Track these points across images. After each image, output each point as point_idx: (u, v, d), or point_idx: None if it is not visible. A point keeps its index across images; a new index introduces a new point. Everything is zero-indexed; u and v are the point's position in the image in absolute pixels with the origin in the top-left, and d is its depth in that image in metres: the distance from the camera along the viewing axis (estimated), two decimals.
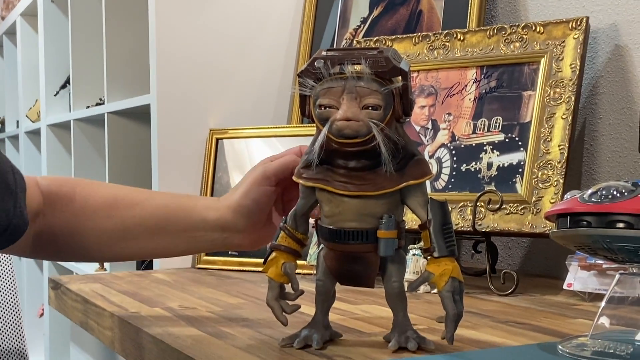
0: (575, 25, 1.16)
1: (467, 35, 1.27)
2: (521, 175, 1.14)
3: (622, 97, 1.20)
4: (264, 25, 1.69)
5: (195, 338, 0.80)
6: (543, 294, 1.07)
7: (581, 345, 0.70)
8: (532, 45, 1.19)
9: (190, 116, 1.60)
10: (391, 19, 1.53)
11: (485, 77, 1.24)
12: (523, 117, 1.18)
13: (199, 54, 1.62)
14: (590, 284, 1.01)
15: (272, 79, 1.70)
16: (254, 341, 0.77)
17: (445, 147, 1.24)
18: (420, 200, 0.70)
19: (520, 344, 0.75)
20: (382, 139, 0.67)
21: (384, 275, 0.72)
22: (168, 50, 1.59)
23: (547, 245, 1.29)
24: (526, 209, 1.12)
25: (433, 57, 1.30)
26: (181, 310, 0.95)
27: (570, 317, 0.91)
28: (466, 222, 1.15)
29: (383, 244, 0.69)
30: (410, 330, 0.71)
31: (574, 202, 0.68)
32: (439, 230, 0.69)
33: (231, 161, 1.56)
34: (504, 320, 0.88)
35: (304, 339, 0.72)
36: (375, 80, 0.68)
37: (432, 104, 1.28)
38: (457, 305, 0.68)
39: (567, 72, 1.15)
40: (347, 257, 0.71)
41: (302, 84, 0.70)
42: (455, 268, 0.69)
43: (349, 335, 0.77)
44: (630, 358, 0.65)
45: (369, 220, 0.70)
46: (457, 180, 1.21)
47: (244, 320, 0.88)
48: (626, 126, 1.19)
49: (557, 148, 1.12)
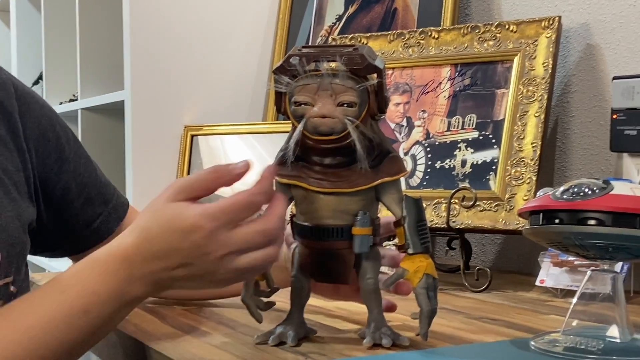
0: (547, 24, 1.17)
1: (442, 33, 1.28)
2: (495, 173, 1.15)
3: (593, 95, 1.21)
4: (240, 22, 1.69)
5: (168, 335, 0.80)
6: (516, 291, 1.08)
7: (553, 341, 0.70)
8: (506, 44, 1.20)
9: (164, 113, 1.59)
10: (366, 17, 1.53)
11: (460, 75, 1.25)
12: (497, 114, 1.19)
13: (174, 50, 1.61)
14: (562, 281, 1.02)
15: (247, 76, 1.69)
16: (229, 338, 0.77)
17: (419, 145, 1.25)
18: (395, 197, 0.71)
19: (494, 340, 0.76)
20: (357, 136, 0.67)
21: (358, 272, 0.72)
22: (142, 46, 1.58)
23: (520, 242, 1.30)
24: (499, 206, 1.12)
25: (408, 55, 1.30)
26: (154, 306, 0.95)
27: (543, 313, 0.92)
28: (440, 219, 1.16)
29: (358, 240, 0.70)
30: (384, 327, 0.71)
31: (547, 199, 0.69)
32: (414, 227, 0.70)
33: (206, 158, 1.56)
34: (478, 316, 0.89)
35: (278, 336, 0.72)
36: (350, 77, 0.68)
37: (407, 101, 1.28)
38: (432, 302, 0.69)
39: (539, 70, 1.16)
40: (322, 254, 0.72)
41: (278, 81, 0.69)
42: (430, 265, 0.69)
43: (324, 332, 0.77)
44: (601, 354, 0.66)
45: (344, 217, 0.70)
46: (432, 177, 1.22)
47: (218, 317, 0.88)
48: (597, 124, 1.20)
49: (530, 146, 1.13)
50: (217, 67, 1.66)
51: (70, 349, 0.67)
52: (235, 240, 0.65)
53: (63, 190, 0.87)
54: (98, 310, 0.67)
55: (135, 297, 0.68)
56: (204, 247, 0.64)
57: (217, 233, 0.64)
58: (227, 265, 0.65)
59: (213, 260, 0.65)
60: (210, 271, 0.65)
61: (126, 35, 1.58)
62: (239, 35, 1.69)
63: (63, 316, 0.66)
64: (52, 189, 0.87)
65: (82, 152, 0.91)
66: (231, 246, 0.65)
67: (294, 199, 0.72)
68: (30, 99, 0.87)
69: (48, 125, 0.87)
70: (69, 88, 2.50)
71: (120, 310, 0.68)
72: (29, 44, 2.85)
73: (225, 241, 0.64)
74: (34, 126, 0.85)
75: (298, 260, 0.74)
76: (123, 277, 0.66)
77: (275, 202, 0.67)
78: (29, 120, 0.85)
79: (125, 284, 0.66)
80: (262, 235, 0.65)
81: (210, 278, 0.66)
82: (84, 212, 0.89)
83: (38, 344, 0.65)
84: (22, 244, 0.80)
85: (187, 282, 0.67)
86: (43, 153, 0.86)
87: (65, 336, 0.66)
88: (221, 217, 0.64)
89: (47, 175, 0.86)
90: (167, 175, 1.58)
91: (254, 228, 0.65)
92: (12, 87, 0.85)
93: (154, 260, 0.66)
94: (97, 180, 0.91)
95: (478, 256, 1.39)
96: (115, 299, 0.67)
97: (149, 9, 1.59)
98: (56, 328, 0.66)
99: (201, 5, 1.64)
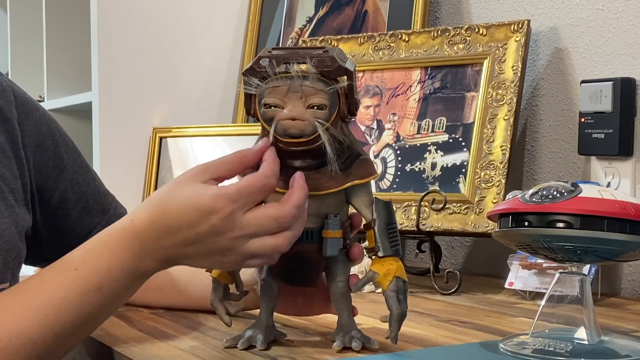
0: (517, 28, 1.18)
1: (412, 36, 1.28)
2: (464, 176, 1.16)
3: (562, 99, 1.22)
4: (209, 23, 1.68)
5: (136, 339, 0.79)
6: (485, 293, 1.09)
7: (522, 343, 0.71)
8: (475, 47, 1.21)
9: (133, 114, 1.58)
10: (337, 19, 1.53)
11: (430, 78, 1.25)
12: (466, 118, 1.19)
13: (142, 51, 1.59)
14: (531, 283, 1.02)
15: (217, 78, 1.68)
16: (198, 342, 0.76)
17: (390, 147, 1.25)
18: (365, 200, 0.71)
19: (463, 343, 0.76)
20: (328, 138, 0.67)
21: (328, 274, 0.72)
22: (110, 47, 1.56)
23: (489, 244, 1.31)
24: (469, 208, 1.13)
25: (378, 58, 1.30)
26: (122, 310, 0.94)
27: (512, 315, 0.92)
28: (410, 221, 1.16)
29: (328, 243, 0.69)
30: (354, 330, 0.71)
31: (516, 202, 0.69)
32: (384, 230, 0.70)
33: (175, 160, 1.55)
34: (447, 319, 0.89)
35: (247, 340, 0.72)
36: (320, 79, 0.68)
37: (377, 104, 1.28)
38: (401, 305, 0.69)
39: (509, 74, 1.16)
40: (292, 257, 0.71)
41: (247, 83, 0.69)
42: (400, 267, 0.69)
43: (293, 336, 0.77)
44: (570, 355, 0.66)
45: (314, 219, 0.69)
46: (402, 180, 1.22)
47: (187, 320, 0.87)
48: (566, 127, 1.21)
49: (500, 149, 1.13)
50: (186, 68, 1.65)
51: (83, 324, 0.69)
52: (249, 223, 0.65)
53: (60, 198, 0.87)
54: (111, 286, 0.68)
55: (146, 272, 0.69)
56: (218, 228, 0.65)
57: (233, 215, 0.65)
58: (238, 247, 0.66)
59: (225, 242, 0.65)
60: (221, 251, 0.66)
61: (94, 35, 1.56)
62: (208, 36, 1.68)
63: (77, 293, 0.67)
64: (49, 197, 0.86)
65: (80, 161, 0.91)
66: (244, 229, 0.65)
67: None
68: (31, 106, 0.86)
69: (47, 133, 0.87)
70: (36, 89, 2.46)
71: (132, 285, 0.69)
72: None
73: (240, 224, 0.65)
74: (32, 134, 0.84)
75: None
76: (136, 252, 0.67)
77: (294, 191, 0.67)
78: (28, 128, 0.84)
79: (138, 259, 0.67)
80: (274, 222, 0.66)
81: (219, 259, 0.67)
82: (81, 222, 0.89)
83: (52, 321, 0.67)
84: (18, 250, 0.80)
85: (196, 259, 0.68)
86: (41, 161, 0.85)
87: (78, 312, 0.67)
88: (239, 200, 0.65)
89: (44, 183, 0.86)
90: (135, 177, 1.56)
91: (269, 213, 0.66)
92: (12, 94, 0.84)
93: (166, 236, 0.66)
94: (96, 190, 0.91)
95: (448, 259, 1.39)
96: (128, 274, 0.68)
97: (117, 9, 1.57)
98: (70, 305, 0.67)
99: (170, 6, 1.63)
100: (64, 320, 0.67)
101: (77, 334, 0.69)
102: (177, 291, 0.91)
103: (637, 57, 1.12)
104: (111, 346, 0.76)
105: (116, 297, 0.69)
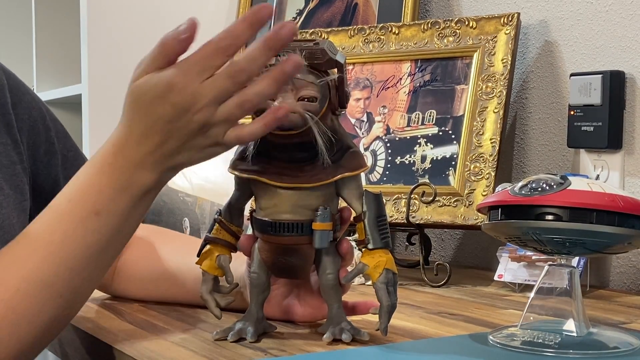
0: (506, 20, 1.18)
1: (402, 29, 1.28)
2: (454, 168, 1.16)
3: (551, 92, 1.23)
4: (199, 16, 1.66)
5: (126, 332, 0.79)
6: (475, 285, 1.09)
7: (511, 335, 0.71)
8: (465, 40, 1.21)
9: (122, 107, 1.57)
10: (327, 12, 1.53)
11: (420, 70, 1.25)
12: (456, 110, 1.19)
13: (132, 43, 1.58)
14: (520, 275, 1.03)
15: None
16: (188, 334, 0.76)
17: (380, 140, 1.25)
18: (355, 192, 0.71)
19: (453, 335, 0.76)
20: (318, 131, 0.67)
21: (318, 267, 0.72)
22: (100, 39, 1.55)
23: (479, 237, 1.32)
24: (459, 201, 1.13)
25: (368, 50, 1.30)
26: (112, 302, 0.93)
27: (501, 307, 0.93)
28: (400, 214, 1.16)
29: (318, 236, 0.69)
30: (344, 322, 0.71)
31: (505, 194, 0.69)
32: (374, 223, 0.70)
33: None
34: (437, 311, 0.89)
35: (238, 332, 0.72)
36: (311, 72, 0.68)
37: (368, 96, 1.28)
38: (391, 297, 0.69)
39: (498, 66, 1.17)
40: (282, 250, 0.71)
41: None
42: (390, 260, 0.69)
43: (283, 328, 0.77)
44: (558, 347, 0.66)
45: (304, 212, 0.69)
46: (392, 172, 1.22)
47: (177, 313, 0.87)
48: (555, 120, 1.22)
49: (489, 141, 1.14)
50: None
51: (97, 253, 0.67)
52: (205, 88, 0.62)
53: (52, 184, 0.85)
54: (108, 207, 0.66)
55: (142, 187, 0.66)
56: (181, 104, 0.62)
57: (190, 86, 0.62)
58: (211, 118, 0.63)
59: (196, 118, 0.63)
60: (199, 132, 0.63)
61: (83, 27, 1.56)
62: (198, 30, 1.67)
63: (77, 223, 0.66)
64: (42, 182, 0.85)
65: (70, 145, 0.89)
66: (206, 96, 0.62)
67: (253, 194, 0.72)
68: (22, 89, 0.85)
69: (39, 117, 0.85)
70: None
71: (134, 205, 0.67)
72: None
73: (200, 92, 0.62)
74: (25, 117, 0.83)
75: (258, 255, 0.73)
76: (121, 165, 0.65)
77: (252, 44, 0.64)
78: (21, 112, 0.83)
79: (128, 173, 0.65)
80: (228, 77, 0.62)
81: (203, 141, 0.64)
82: None
83: (62, 257, 0.65)
84: None
85: (184, 154, 0.65)
86: (34, 145, 0.84)
87: (84, 241, 0.66)
88: (193, 69, 0.63)
89: (36, 168, 0.84)
90: None
91: (220, 70, 0.63)
92: (3, 77, 0.83)
93: (144, 140, 0.64)
94: None
95: (437, 251, 1.40)
96: (122, 190, 0.66)
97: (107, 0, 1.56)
98: (73, 236, 0.66)
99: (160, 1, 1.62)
100: (74, 253, 0.65)
101: (96, 265, 0.67)
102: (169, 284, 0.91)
103: (627, 50, 1.12)
104: (102, 339, 0.76)
105: (121, 220, 0.66)
